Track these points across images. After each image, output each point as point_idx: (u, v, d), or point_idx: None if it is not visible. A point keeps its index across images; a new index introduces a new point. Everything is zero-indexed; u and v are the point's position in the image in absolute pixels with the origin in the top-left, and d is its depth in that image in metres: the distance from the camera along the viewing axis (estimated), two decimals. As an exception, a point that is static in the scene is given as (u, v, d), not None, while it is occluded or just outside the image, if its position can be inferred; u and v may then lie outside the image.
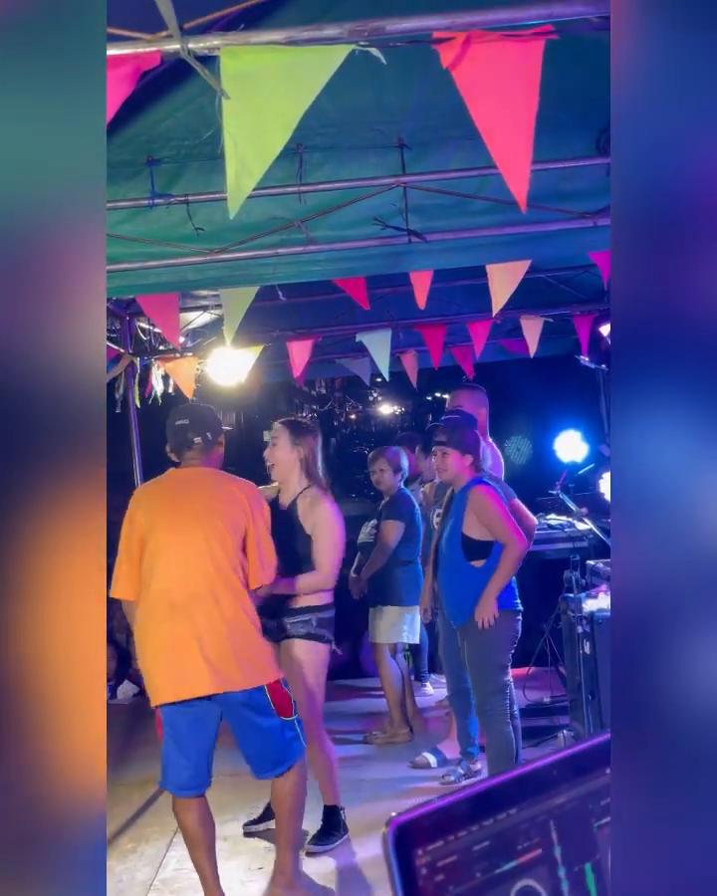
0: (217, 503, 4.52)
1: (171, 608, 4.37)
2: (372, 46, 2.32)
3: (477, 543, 5.51)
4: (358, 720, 7.84)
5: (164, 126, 4.48)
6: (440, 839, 1.13)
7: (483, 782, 1.20)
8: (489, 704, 5.51)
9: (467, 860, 1.14)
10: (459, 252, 4.97)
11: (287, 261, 4.88)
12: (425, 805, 1.13)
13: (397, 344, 8.04)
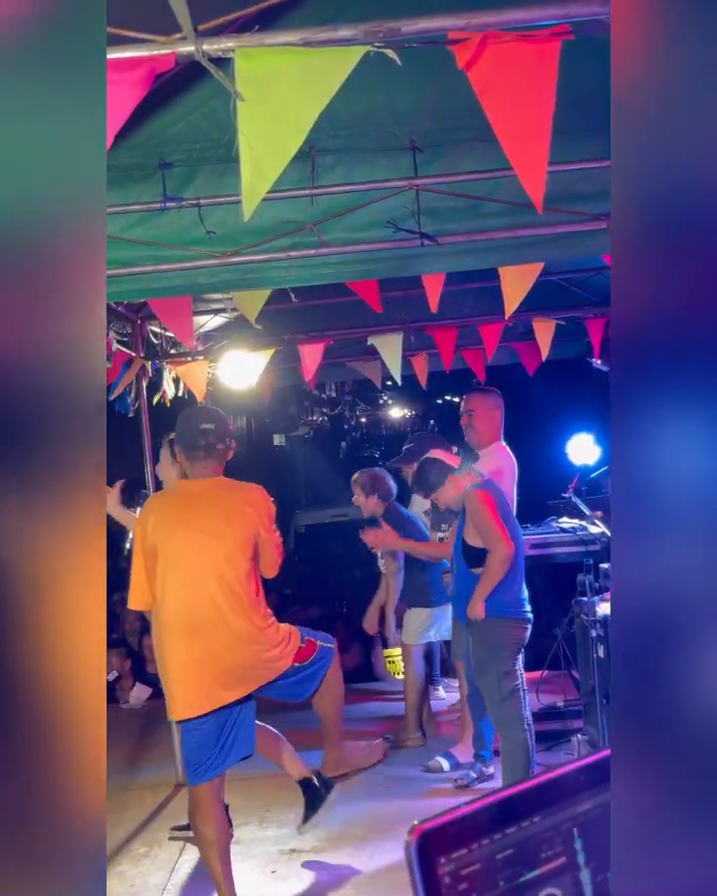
0: (228, 518, 4.64)
1: (187, 628, 4.51)
2: (388, 47, 2.31)
3: (475, 550, 5.52)
4: (371, 723, 7.82)
5: (176, 130, 4.47)
6: (463, 847, 1.11)
7: (506, 789, 1.18)
8: (500, 711, 5.51)
9: (490, 868, 1.13)
10: (472, 254, 4.95)
11: (299, 264, 4.87)
12: (449, 813, 1.12)
13: (409, 347, 8.03)
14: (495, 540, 5.39)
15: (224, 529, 4.61)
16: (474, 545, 5.51)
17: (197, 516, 4.63)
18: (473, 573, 5.51)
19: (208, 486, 4.71)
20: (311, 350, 7.60)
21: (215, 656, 4.51)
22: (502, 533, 5.39)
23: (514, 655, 5.46)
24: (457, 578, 5.71)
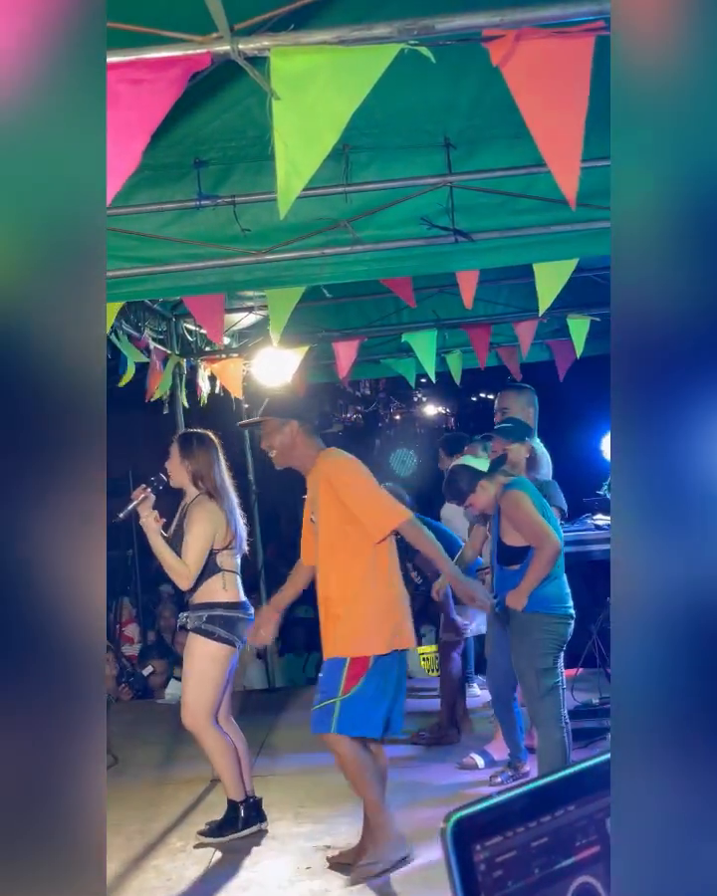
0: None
1: (392, 568, 4.95)
2: (422, 45, 2.32)
3: (511, 549, 5.49)
4: (407, 720, 7.82)
5: (212, 128, 4.51)
6: (499, 835, 1.12)
7: (541, 778, 1.19)
8: (538, 709, 5.48)
9: (526, 856, 1.14)
10: (506, 251, 4.95)
11: (333, 261, 4.89)
12: (484, 801, 1.13)
13: (443, 345, 8.03)
14: (541, 536, 5.35)
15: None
16: (512, 544, 5.48)
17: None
18: (510, 570, 5.49)
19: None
20: (345, 348, 7.62)
21: (401, 601, 4.99)
22: (546, 528, 5.36)
23: (554, 652, 5.42)
24: (498, 578, 5.69)
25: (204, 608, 5.45)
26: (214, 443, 5.63)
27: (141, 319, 6.45)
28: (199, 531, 5.41)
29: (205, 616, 5.43)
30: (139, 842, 5.75)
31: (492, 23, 2.36)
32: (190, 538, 5.40)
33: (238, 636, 5.50)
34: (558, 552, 5.36)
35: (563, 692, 5.48)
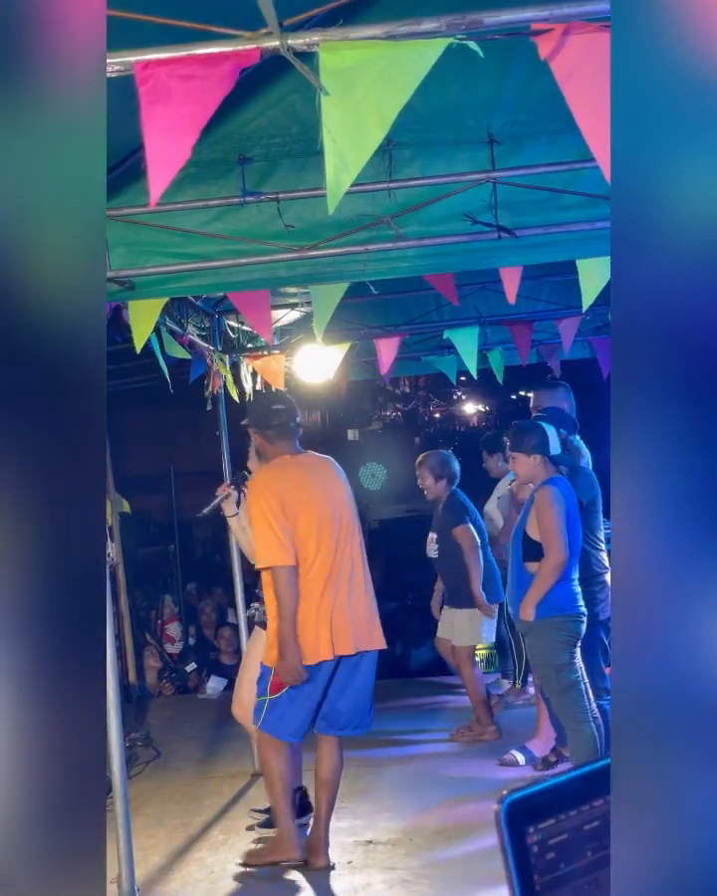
0: (338, 483, 5.19)
1: (334, 578, 4.98)
2: (470, 39, 2.33)
3: (534, 543, 5.49)
4: (440, 717, 7.84)
5: (256, 125, 4.53)
6: (551, 818, 1.14)
7: (594, 762, 1.20)
8: (561, 704, 5.48)
9: (578, 839, 1.15)
10: (549, 247, 4.94)
11: (376, 257, 4.90)
12: (537, 783, 1.14)
13: (484, 342, 8.02)
14: (553, 544, 5.37)
15: (341, 492, 5.16)
16: (535, 538, 5.50)
17: (320, 483, 5.12)
18: (527, 570, 5.50)
19: (310, 459, 5.22)
20: (387, 344, 7.62)
21: (349, 605, 5.00)
22: (560, 540, 5.36)
23: (569, 649, 5.41)
24: (512, 569, 5.70)
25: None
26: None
27: (185, 315, 6.48)
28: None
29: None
30: (182, 835, 5.79)
31: (540, 17, 2.36)
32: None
33: None
34: (561, 564, 5.39)
35: (585, 686, 5.45)
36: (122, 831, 4.65)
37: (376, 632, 5.11)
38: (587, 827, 1.16)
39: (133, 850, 4.77)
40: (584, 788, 1.17)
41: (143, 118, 2.37)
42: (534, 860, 1.11)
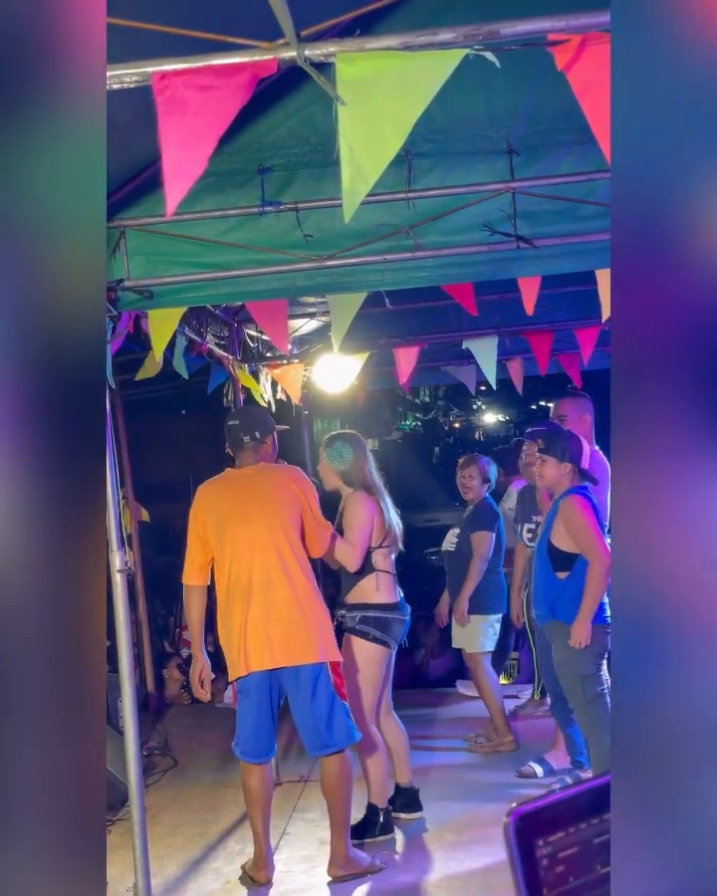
0: (274, 493, 5.10)
1: (248, 592, 4.94)
2: (487, 50, 2.33)
3: (562, 553, 5.44)
4: (457, 725, 7.82)
5: (275, 135, 4.55)
6: (561, 831, 1.13)
7: (602, 776, 1.20)
8: (585, 715, 5.43)
9: (588, 852, 1.14)
10: (568, 257, 4.93)
11: (395, 267, 4.91)
12: (547, 796, 1.14)
13: (503, 351, 8.01)
14: (595, 551, 5.30)
15: (275, 497, 5.09)
16: (562, 548, 5.44)
17: (250, 493, 5.10)
18: (558, 578, 5.45)
19: (253, 470, 5.19)
20: (406, 354, 7.62)
21: (274, 617, 4.92)
22: (602, 545, 5.31)
23: (596, 660, 5.37)
24: (539, 581, 5.63)
25: (357, 609, 5.53)
26: (361, 441, 5.76)
27: (204, 324, 6.49)
28: (357, 514, 5.52)
29: (358, 617, 5.50)
30: (199, 845, 5.79)
31: (557, 27, 2.36)
32: (350, 520, 5.51)
33: (393, 637, 5.56)
34: (608, 568, 5.29)
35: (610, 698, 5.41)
36: (139, 840, 4.65)
37: (309, 646, 4.94)
38: (597, 841, 1.15)
39: (150, 859, 4.77)
40: (594, 801, 1.17)
41: (160, 129, 2.38)
42: (543, 874, 1.11)
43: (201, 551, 5.11)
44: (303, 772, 6.57)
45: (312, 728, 5.01)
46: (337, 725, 4.99)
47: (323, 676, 4.97)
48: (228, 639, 5.02)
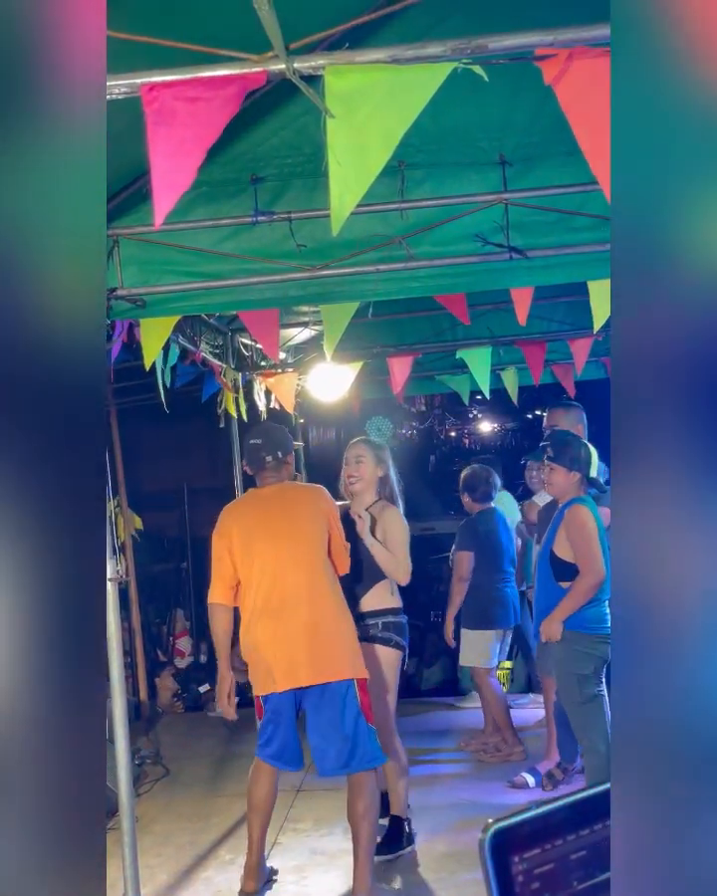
0: (301, 512, 5.07)
1: (277, 610, 4.89)
2: (475, 63, 2.34)
3: (564, 563, 5.43)
4: (450, 736, 7.81)
5: (268, 146, 4.56)
6: (537, 847, 1.13)
7: (581, 791, 1.20)
8: (579, 716, 5.39)
9: (564, 869, 1.14)
10: (560, 268, 4.94)
11: (388, 277, 4.91)
12: (523, 812, 1.14)
13: (497, 361, 8.02)
14: (590, 563, 5.30)
15: (300, 522, 5.04)
16: (564, 558, 5.42)
17: (275, 515, 5.05)
18: (561, 587, 5.44)
19: (277, 490, 5.14)
20: (400, 363, 7.63)
21: (301, 634, 4.86)
22: (597, 559, 5.31)
23: (596, 663, 5.35)
24: (542, 591, 5.62)
25: (376, 616, 5.50)
26: (390, 451, 5.80)
27: (198, 333, 6.50)
28: (402, 529, 5.55)
29: (380, 624, 5.48)
30: (190, 854, 5.78)
31: (545, 42, 2.37)
32: (397, 535, 5.52)
33: (407, 641, 5.59)
34: (599, 583, 5.32)
35: (607, 706, 5.40)
36: (128, 850, 4.63)
37: (337, 663, 4.88)
38: (573, 857, 1.15)
39: (140, 868, 4.76)
40: (571, 818, 1.17)
41: (149, 140, 2.39)
42: (518, 890, 1.11)
43: (228, 570, 5.03)
44: (295, 781, 6.55)
45: (333, 748, 4.91)
46: (361, 747, 4.89)
47: (350, 694, 4.88)
48: (255, 656, 4.96)
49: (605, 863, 1.18)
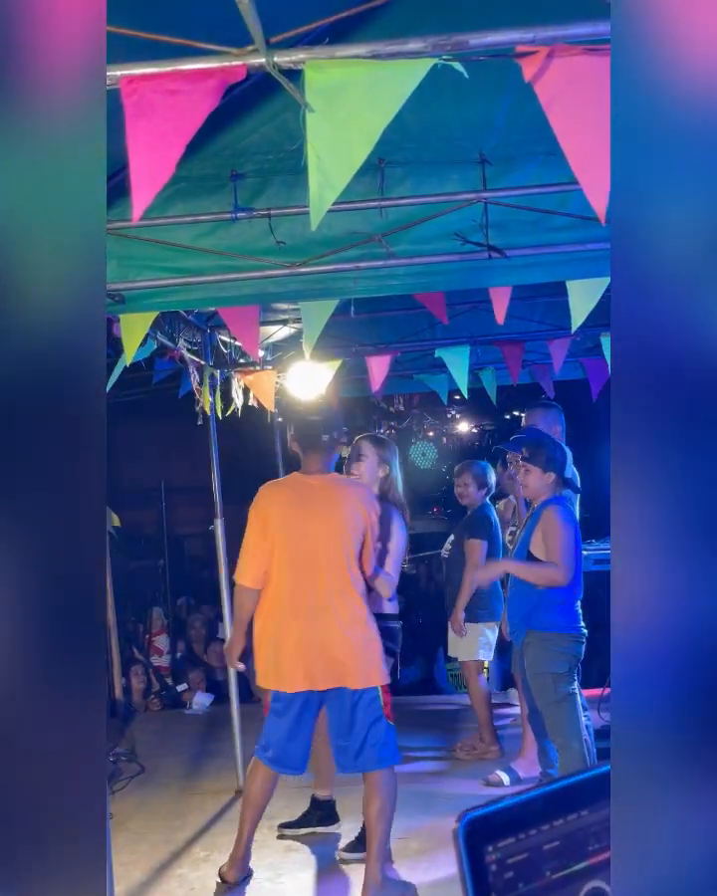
0: (342, 511, 4.93)
1: (306, 609, 4.83)
2: (455, 60, 2.34)
3: (540, 563, 5.45)
4: (433, 735, 7.82)
5: (249, 141, 4.55)
6: (511, 836, 1.13)
7: (556, 781, 1.20)
8: (553, 714, 5.39)
9: (537, 858, 1.15)
10: (539, 268, 4.95)
11: (367, 275, 4.91)
12: (497, 802, 1.14)
13: (476, 361, 8.03)
14: (561, 563, 5.33)
15: (340, 522, 4.90)
16: (541, 558, 5.45)
17: (316, 511, 4.93)
18: (535, 588, 5.45)
19: (323, 483, 5.02)
20: (378, 362, 7.64)
21: (327, 637, 4.82)
22: (569, 561, 5.34)
23: (569, 662, 5.37)
24: (516, 592, 5.63)
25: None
26: (396, 450, 5.75)
27: (176, 329, 6.49)
28: (399, 541, 5.52)
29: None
30: (164, 851, 5.77)
31: (525, 39, 2.37)
32: (391, 547, 5.46)
33: (398, 647, 5.66)
34: (560, 584, 5.36)
35: (581, 708, 5.42)
36: (103, 846, 4.62)
37: (362, 668, 4.87)
38: (547, 847, 1.16)
39: (114, 866, 4.75)
40: (545, 808, 1.17)
41: (128, 133, 2.38)
42: (492, 879, 1.11)
43: (262, 552, 4.91)
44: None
45: (354, 746, 4.93)
46: (377, 746, 4.92)
47: (376, 699, 4.90)
48: (275, 651, 4.90)
49: (578, 854, 1.19)
